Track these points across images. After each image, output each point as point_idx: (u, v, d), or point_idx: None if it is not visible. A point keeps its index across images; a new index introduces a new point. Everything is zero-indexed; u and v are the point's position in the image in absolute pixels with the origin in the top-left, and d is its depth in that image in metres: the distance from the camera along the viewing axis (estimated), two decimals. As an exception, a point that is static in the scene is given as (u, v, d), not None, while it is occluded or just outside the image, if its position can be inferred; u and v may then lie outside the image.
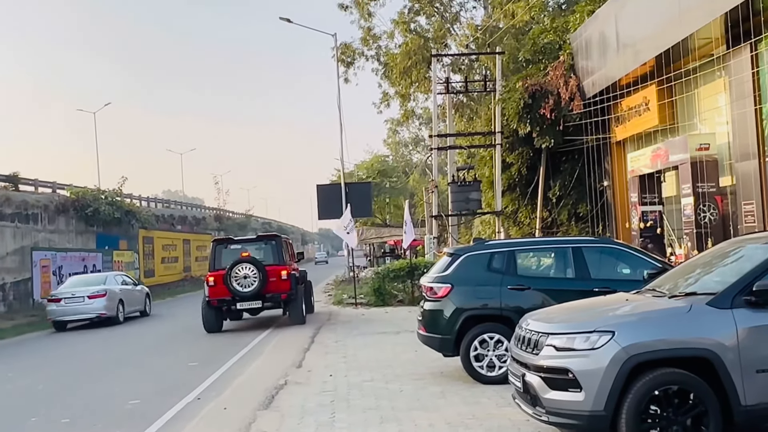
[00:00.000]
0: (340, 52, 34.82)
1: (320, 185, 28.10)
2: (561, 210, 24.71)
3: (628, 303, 6.95)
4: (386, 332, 16.07)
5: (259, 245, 19.81)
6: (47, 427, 9.18)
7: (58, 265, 30.38)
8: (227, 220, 61.65)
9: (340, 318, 20.10)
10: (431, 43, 33.32)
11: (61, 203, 31.94)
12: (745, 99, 15.85)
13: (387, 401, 9.15)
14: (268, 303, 18.66)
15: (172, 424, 8.71)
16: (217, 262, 18.92)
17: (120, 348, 17.68)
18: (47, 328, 23.07)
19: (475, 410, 8.47)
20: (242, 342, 16.25)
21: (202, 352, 15.28)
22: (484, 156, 27.58)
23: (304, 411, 8.83)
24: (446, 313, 10.09)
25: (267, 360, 13.41)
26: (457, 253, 10.51)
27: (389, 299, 22.77)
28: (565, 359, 6.40)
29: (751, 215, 15.86)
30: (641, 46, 19.25)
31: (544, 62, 24.90)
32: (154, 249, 42.08)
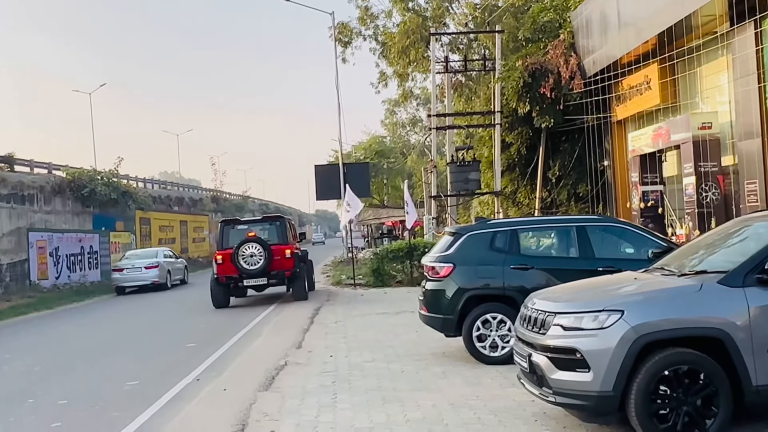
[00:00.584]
0: (338, 31, 34.47)
1: (318, 165, 27.93)
2: (561, 190, 24.56)
3: (636, 281, 6.81)
4: (386, 313, 15.94)
5: (264, 225, 20.72)
6: (45, 409, 8.99)
7: (54, 246, 30.18)
8: (224, 201, 61.41)
9: (339, 298, 20.02)
10: (430, 22, 32.95)
11: (57, 184, 31.70)
12: (748, 77, 15.66)
13: (389, 382, 9.04)
14: (273, 280, 19.51)
15: (172, 405, 8.55)
16: (225, 242, 19.91)
17: (132, 320, 17.83)
18: (44, 309, 23.05)
19: (479, 391, 8.36)
20: (243, 321, 16.17)
21: (201, 332, 15.24)
22: (483, 136, 27.39)
23: (305, 392, 8.70)
24: (448, 292, 9.96)
25: (267, 340, 13.28)
26: (460, 232, 10.35)
27: (388, 280, 22.67)
28: (572, 339, 6.26)
29: (754, 194, 15.74)
30: (643, 24, 19.02)
31: (544, 41, 24.66)
32: (151, 230, 41.90)
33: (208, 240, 51.72)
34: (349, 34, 36.20)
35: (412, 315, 15.23)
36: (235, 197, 66.03)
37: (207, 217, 54.22)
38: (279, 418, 7.58)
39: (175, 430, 7.53)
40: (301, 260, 20.43)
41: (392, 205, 57.33)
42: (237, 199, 65.48)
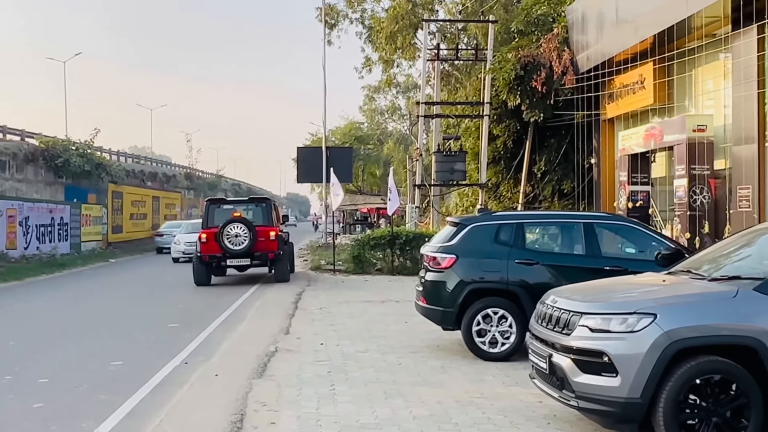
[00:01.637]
0: (325, 13, 33.86)
1: (301, 147, 27.47)
2: (545, 185, 24.35)
3: (666, 284, 6.51)
4: (371, 301, 15.56)
5: (249, 206, 20.69)
6: (24, 387, 8.42)
7: (24, 216, 29.22)
8: (197, 179, 60.57)
9: (320, 284, 19.60)
10: (420, 8, 32.54)
11: (30, 152, 30.78)
12: (748, 82, 15.48)
13: (387, 374, 8.67)
14: (256, 261, 19.51)
15: (162, 390, 8.09)
16: (210, 221, 19.94)
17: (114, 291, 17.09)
18: (13, 280, 22.30)
19: (482, 388, 8.04)
20: (224, 302, 15.73)
21: (182, 311, 14.73)
22: (470, 127, 27.04)
23: (301, 381, 8.31)
24: (449, 285, 9.62)
25: (252, 324, 12.77)
26: (464, 222, 9.99)
27: (368, 267, 22.29)
28: (600, 341, 5.93)
29: (746, 200, 15.59)
30: (642, 22, 18.78)
31: (537, 34, 24.33)
32: (123, 204, 40.97)
33: (180, 217, 50.91)
34: (336, 16, 35.67)
35: (398, 304, 14.94)
36: (209, 176, 65.19)
37: (180, 194, 53.38)
38: (278, 408, 7.17)
39: (169, 416, 7.04)
40: (284, 243, 20.25)
41: (368, 192, 56.93)
42: (210, 178, 64.68)
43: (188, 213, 53.08)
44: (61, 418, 7.13)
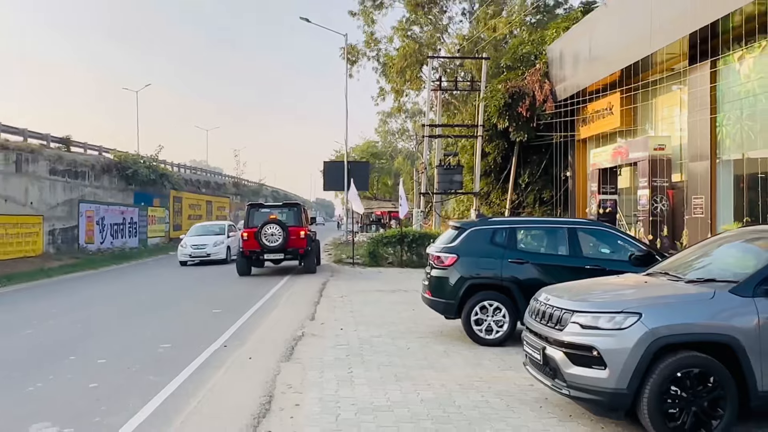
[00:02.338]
0: (347, 51, 33.31)
1: (327, 162, 26.85)
2: (528, 194, 23.73)
3: (648, 285, 5.87)
4: (383, 290, 14.94)
5: (283, 210, 20.11)
6: (84, 367, 7.87)
7: (101, 216, 28.88)
8: (243, 186, 60.05)
9: (341, 275, 18.98)
10: (425, 48, 31.93)
11: (106, 164, 30.35)
12: (702, 109, 14.86)
13: (398, 358, 8.07)
14: (288, 255, 18.95)
15: (201, 372, 7.47)
16: (251, 222, 19.29)
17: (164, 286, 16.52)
18: (89, 269, 21.89)
19: (481, 372, 7.43)
20: (261, 291, 15.06)
21: (225, 299, 14.04)
22: (466, 145, 26.40)
23: (323, 364, 7.70)
24: (451, 280, 9.03)
25: (283, 311, 12.08)
26: (464, 227, 9.38)
27: (381, 261, 21.71)
28: (590, 337, 5.33)
29: (700, 207, 15.02)
30: (611, 59, 18.19)
31: (522, 69, 23.79)
32: (183, 207, 40.54)
33: (229, 218, 50.44)
34: (356, 54, 35.11)
35: (406, 294, 14.33)
36: (253, 184, 64.68)
37: (228, 199, 52.86)
38: (302, 390, 6.57)
39: (206, 399, 6.44)
40: (312, 240, 19.76)
41: (381, 198, 56.29)
42: (254, 186, 64.14)
43: (235, 214, 52.58)
44: (112, 397, 6.56)
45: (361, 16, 34.59)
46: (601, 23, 19.16)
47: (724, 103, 14.55)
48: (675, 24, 14.83)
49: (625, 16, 17.41)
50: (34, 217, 23.47)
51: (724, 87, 14.47)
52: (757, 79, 13.46)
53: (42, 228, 24.00)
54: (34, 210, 23.44)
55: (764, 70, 13.22)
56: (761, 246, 6.03)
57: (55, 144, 27.34)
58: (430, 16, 33.39)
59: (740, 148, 14.02)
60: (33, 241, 23.34)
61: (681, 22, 14.60)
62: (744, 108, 13.81)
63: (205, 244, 23.44)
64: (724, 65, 14.45)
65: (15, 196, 22.33)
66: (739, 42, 13.95)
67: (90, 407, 6.23)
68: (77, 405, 6.32)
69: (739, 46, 13.94)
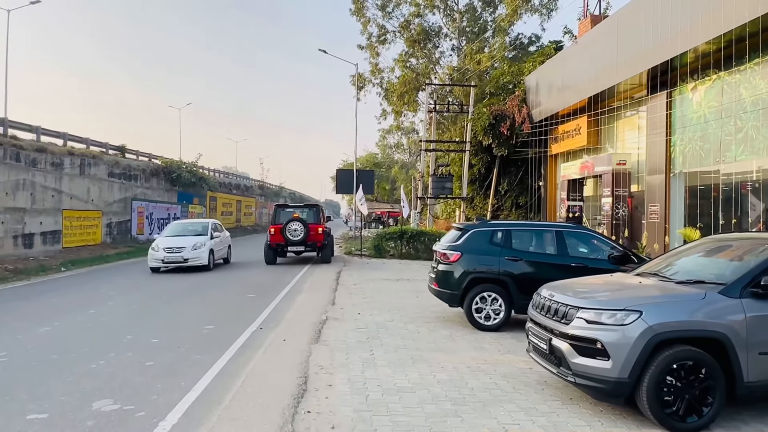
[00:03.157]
0: (356, 79, 32.81)
1: (339, 169, 26.33)
2: (506, 200, 23.30)
3: (644, 286, 5.42)
4: (389, 279, 14.47)
5: (305, 209, 19.57)
6: (140, 346, 7.34)
7: (150, 212, 28.31)
8: (267, 189, 59.31)
9: (352, 265, 18.45)
10: (421, 77, 31.42)
11: (154, 168, 29.75)
12: (659, 131, 14.47)
13: (411, 341, 7.62)
14: (308, 248, 18.53)
15: (243, 352, 6.96)
16: (277, 219, 18.95)
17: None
18: (140, 257, 21.21)
19: (485, 355, 6.98)
20: (286, 279, 14.52)
21: (257, 285, 13.54)
22: (455, 158, 25.92)
23: (347, 346, 7.23)
24: (456, 274, 8.57)
25: (307, 297, 11.52)
26: (467, 228, 8.92)
27: (384, 253, 21.21)
28: (595, 331, 4.89)
29: (655, 213, 14.64)
30: (581, 88, 17.78)
31: (503, 95, 23.38)
32: (217, 205, 39.91)
33: (254, 215, 49.85)
34: (363, 81, 34.56)
35: (409, 282, 13.87)
36: (275, 186, 63.96)
37: (254, 199, 52.18)
38: (332, 372, 6.10)
39: (249, 377, 5.94)
40: (328, 235, 19.29)
41: (381, 200, 55.74)
42: (275, 188, 63.41)
43: (259, 212, 51.95)
44: (166, 375, 6.05)
45: (368, 50, 34.05)
46: (572, 58, 18.74)
47: (678, 127, 14.17)
48: (637, 59, 14.45)
49: (593, 52, 17.00)
50: (95, 212, 22.90)
51: (678, 113, 14.09)
52: (708, 107, 13.07)
53: (101, 221, 23.44)
54: (94, 206, 22.87)
55: (715, 99, 12.83)
56: (732, 253, 5.63)
57: (112, 151, 26.74)
58: (425, 51, 32.89)
59: (691, 164, 13.63)
60: (93, 232, 22.78)
61: (643, 58, 14.22)
62: (696, 131, 13.42)
63: (182, 247, 16.37)
64: (679, 95, 14.07)
65: (79, 195, 21.76)
66: (692, 75, 13.58)
67: (147, 385, 5.73)
68: (135, 383, 5.81)
69: (693, 79, 13.57)
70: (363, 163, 56.76)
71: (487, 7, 32.38)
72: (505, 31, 30.81)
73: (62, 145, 21.92)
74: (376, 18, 33.35)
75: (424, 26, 32.67)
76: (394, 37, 33.52)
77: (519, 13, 29.54)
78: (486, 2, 32.27)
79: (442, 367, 6.39)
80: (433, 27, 33.17)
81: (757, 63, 11.39)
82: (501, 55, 28.79)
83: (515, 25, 30.91)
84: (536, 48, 29.32)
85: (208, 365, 6.34)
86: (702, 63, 12.98)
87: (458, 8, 32.92)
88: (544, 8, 30.29)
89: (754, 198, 11.88)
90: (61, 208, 20.40)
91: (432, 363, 6.54)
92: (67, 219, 20.67)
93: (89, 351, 7.04)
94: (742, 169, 11.93)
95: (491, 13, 32.50)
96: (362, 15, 33.28)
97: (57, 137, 22.03)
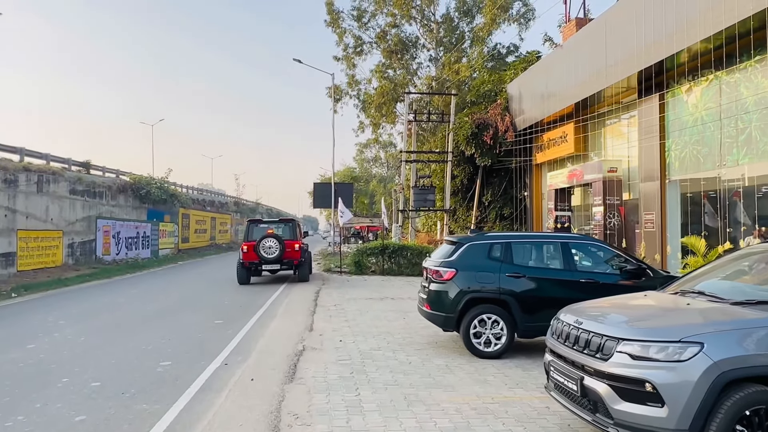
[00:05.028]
0: (333, 91, 31.82)
1: (316, 183, 25.17)
2: (490, 211, 22.37)
3: (695, 309, 4.38)
4: (372, 298, 13.31)
5: (280, 225, 18.32)
6: (75, 393, 5.97)
7: (116, 231, 26.65)
8: (243, 205, 57.61)
9: (331, 283, 17.21)
10: (399, 87, 30.57)
11: (121, 185, 28.11)
12: (652, 136, 13.71)
13: (402, 375, 6.49)
14: (284, 266, 17.17)
15: (202, 397, 5.71)
16: (250, 235, 17.57)
17: (162, 296, 14.48)
18: (103, 278, 19.73)
19: (490, 391, 5.89)
20: (260, 300, 13.21)
21: (227, 308, 12.17)
22: (436, 169, 24.98)
23: (328, 385, 6.05)
24: (450, 294, 7.47)
25: (282, 322, 10.17)
26: (461, 241, 7.84)
27: (365, 269, 20.04)
28: (642, 369, 3.81)
29: (651, 222, 13.84)
30: (567, 93, 17.03)
31: (484, 104, 22.58)
32: (190, 223, 38.22)
33: (230, 232, 48.23)
34: (340, 93, 33.59)
35: (394, 301, 12.73)
36: (251, 203, 62.32)
37: (230, 216, 50.50)
38: (310, 422, 4.90)
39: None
40: (305, 252, 17.96)
41: (360, 214, 54.59)
42: (251, 204, 61.76)
43: (235, 229, 50.31)
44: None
45: (344, 61, 33.19)
46: (556, 63, 18.00)
47: (672, 131, 13.41)
48: (628, 61, 13.70)
49: (579, 56, 16.26)
50: (55, 232, 21.27)
51: (672, 116, 13.34)
52: (705, 108, 12.32)
53: (62, 241, 21.79)
54: (54, 225, 21.25)
55: (712, 100, 12.08)
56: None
57: (76, 167, 25.11)
58: (403, 62, 32.12)
59: (688, 170, 12.85)
60: (53, 253, 21.13)
61: (633, 60, 13.46)
62: (693, 134, 12.66)
63: None
64: (672, 97, 13.33)
65: (36, 213, 20.14)
66: (686, 76, 12.85)
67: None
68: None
69: (687, 80, 12.84)
70: (341, 177, 55.74)
71: (465, 17, 31.82)
72: (483, 40, 30.23)
73: (18, 161, 20.34)
74: (352, 29, 32.59)
75: (401, 37, 31.96)
76: (371, 48, 32.76)
77: (497, 22, 29.00)
78: (463, 12, 31.71)
79: (442, 409, 5.28)
80: (410, 38, 32.49)
81: (760, 60, 10.66)
82: (480, 65, 28.12)
83: (493, 35, 30.39)
84: (515, 58, 28.76)
85: (155, 418, 5.08)
86: (698, 63, 12.25)
87: (435, 18, 32.32)
88: (522, 18, 29.81)
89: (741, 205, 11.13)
90: (16, 228, 18.79)
91: (430, 404, 5.41)
92: (22, 240, 19.06)
93: (8, 402, 5.67)
94: (747, 174, 11.14)
95: (468, 23, 31.95)
96: (338, 26, 32.45)
97: (12, 152, 20.44)
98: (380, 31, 32.03)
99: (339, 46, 32.73)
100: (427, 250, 18.92)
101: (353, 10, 32.07)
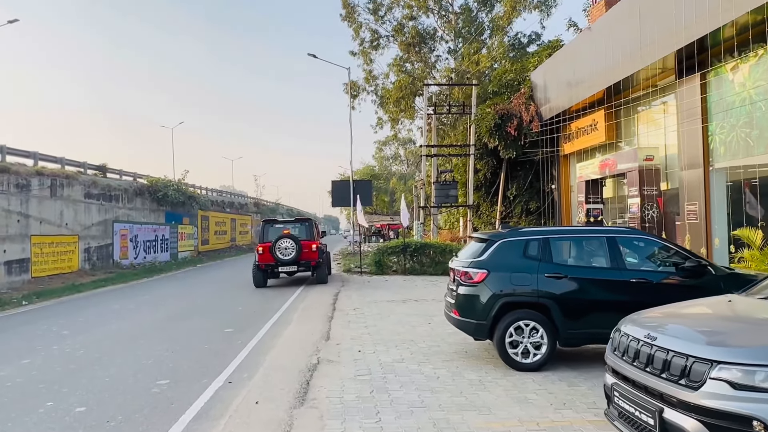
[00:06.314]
0: (349, 87, 31.01)
1: (334, 181, 24.34)
2: (516, 206, 21.33)
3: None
4: (394, 300, 12.45)
5: (296, 225, 17.45)
6: (57, 421, 5.23)
7: (134, 234, 26.29)
8: (263, 206, 57.31)
9: (351, 284, 16.38)
10: (417, 81, 29.63)
11: (138, 188, 27.74)
12: (693, 119, 12.57)
13: (429, 394, 5.62)
14: (301, 268, 16.34)
15: (196, 427, 4.90)
16: (265, 237, 16.76)
17: (179, 298, 13.83)
18: (120, 283, 19.25)
19: (533, 413, 4.98)
20: (275, 305, 12.45)
21: (240, 314, 11.44)
22: (458, 163, 24.01)
23: (344, 407, 5.21)
24: (482, 298, 6.56)
25: (296, 329, 9.38)
26: (492, 238, 6.92)
27: (386, 269, 19.20)
28: (748, 403, 2.88)
29: (694, 213, 12.70)
30: (596, 79, 15.95)
31: (507, 94, 21.54)
32: (210, 225, 37.86)
33: (250, 233, 47.90)
34: (357, 89, 32.79)
35: (417, 304, 11.86)
36: (270, 203, 62.03)
37: (250, 217, 50.15)
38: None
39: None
40: (323, 252, 17.20)
41: (380, 213, 53.83)
42: (271, 205, 61.47)
43: (256, 230, 49.93)
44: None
45: (361, 55, 32.35)
46: (584, 47, 16.90)
47: (715, 113, 12.28)
48: (665, 40, 12.58)
49: (610, 38, 15.15)
50: (70, 237, 20.88)
51: (716, 97, 12.20)
52: (754, 87, 11.17)
53: (78, 246, 21.40)
54: (69, 230, 20.86)
55: (763, 77, 10.93)
56: None
57: (92, 171, 24.78)
58: (420, 54, 31.17)
59: (735, 156, 11.71)
60: (69, 259, 20.75)
61: (671, 38, 12.35)
62: (740, 116, 11.52)
63: None
64: (715, 76, 12.19)
65: (50, 218, 19.75)
66: (731, 53, 11.70)
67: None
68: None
69: (731, 57, 11.69)
70: (361, 176, 55.08)
71: (483, 6, 30.70)
72: (503, 29, 29.11)
73: (32, 165, 19.98)
74: (368, 23, 31.71)
75: (419, 29, 31.00)
76: (388, 42, 31.85)
77: (518, 9, 27.85)
78: (482, 1, 30.60)
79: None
80: (428, 30, 31.51)
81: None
82: (500, 54, 27.05)
83: (513, 23, 29.24)
84: (537, 46, 27.60)
85: (138, 456, 4.29)
86: (748, 36, 11.09)
87: (453, 9, 31.28)
88: (544, 5, 28.60)
89: None
90: (29, 234, 18.40)
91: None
92: (36, 245, 18.66)
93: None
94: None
95: (488, 13, 30.83)
96: (354, 20, 31.60)
97: (26, 157, 20.11)
98: (397, 23, 31.13)
99: (355, 41, 31.92)
100: (451, 247, 18.00)
101: (369, 2, 31.21)
